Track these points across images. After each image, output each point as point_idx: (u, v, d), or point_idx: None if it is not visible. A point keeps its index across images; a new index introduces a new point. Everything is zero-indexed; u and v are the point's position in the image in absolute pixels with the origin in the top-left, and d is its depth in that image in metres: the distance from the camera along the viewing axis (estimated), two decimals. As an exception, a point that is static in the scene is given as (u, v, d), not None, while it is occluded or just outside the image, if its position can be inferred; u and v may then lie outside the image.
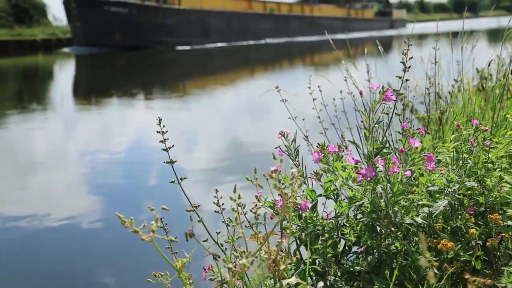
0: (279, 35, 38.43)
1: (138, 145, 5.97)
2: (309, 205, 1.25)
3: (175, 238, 1.07)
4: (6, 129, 7.34)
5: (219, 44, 31.89)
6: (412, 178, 1.26)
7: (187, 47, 29.52)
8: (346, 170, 1.27)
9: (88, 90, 12.51)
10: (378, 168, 1.24)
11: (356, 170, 1.26)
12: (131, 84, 13.37)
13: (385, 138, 1.27)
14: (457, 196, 1.29)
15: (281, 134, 1.25)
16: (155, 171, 4.73)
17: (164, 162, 1.15)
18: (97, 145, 6.02)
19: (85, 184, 4.43)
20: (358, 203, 1.25)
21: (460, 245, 1.23)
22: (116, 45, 27.08)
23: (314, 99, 1.53)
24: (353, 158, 1.30)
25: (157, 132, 1.12)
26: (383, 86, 1.24)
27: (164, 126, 1.14)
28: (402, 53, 1.14)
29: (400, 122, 1.34)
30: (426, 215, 1.26)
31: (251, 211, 1.17)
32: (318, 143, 1.25)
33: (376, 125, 1.24)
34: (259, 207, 1.18)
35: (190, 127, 6.81)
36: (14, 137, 6.80)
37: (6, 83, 14.85)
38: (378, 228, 1.25)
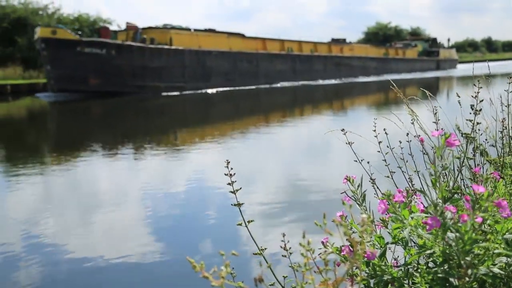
0: (298, 77, 41.16)
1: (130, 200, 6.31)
2: (377, 254, 1.57)
3: (242, 282, 1.39)
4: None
5: (222, 88, 33.36)
6: (487, 225, 1.57)
7: (181, 92, 30.98)
8: (415, 218, 1.60)
9: (62, 144, 13.06)
10: (447, 216, 1.56)
11: (423, 220, 1.59)
12: (113, 136, 14.01)
13: (456, 184, 1.61)
14: (537, 246, 1.59)
15: (346, 179, 1.59)
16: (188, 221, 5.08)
17: (232, 205, 1.49)
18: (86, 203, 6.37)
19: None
20: (428, 252, 1.57)
21: (543, 299, 1.52)
22: (91, 90, 28.47)
23: (379, 142, 1.88)
24: (422, 203, 1.63)
25: (225, 174, 1.47)
26: (445, 132, 1.58)
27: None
28: (472, 96, 1.49)
29: (469, 166, 1.67)
30: (504, 265, 1.56)
31: (320, 257, 1.49)
32: (384, 193, 1.58)
33: (444, 171, 1.58)
34: (329, 253, 1.50)
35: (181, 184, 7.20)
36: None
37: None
38: (451, 278, 1.55)
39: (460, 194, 1.65)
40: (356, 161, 1.85)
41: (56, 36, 28.05)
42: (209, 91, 32.44)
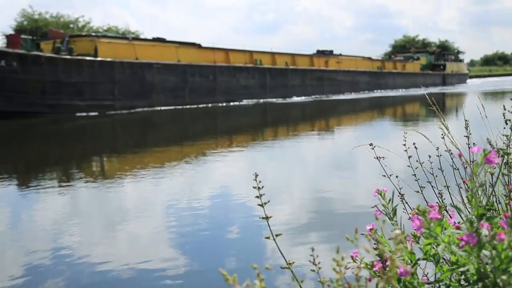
0: (268, 94, 44.20)
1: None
2: (410, 271, 2.03)
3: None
4: None
5: (167, 107, 34.34)
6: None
7: (105, 112, 31.70)
8: (448, 234, 2.07)
9: None
10: (482, 233, 2.02)
11: (458, 236, 2.05)
12: (13, 167, 14.26)
13: (490, 200, 2.08)
14: None
15: (377, 192, 2.06)
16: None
17: (260, 218, 1.94)
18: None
19: None
20: (462, 269, 2.04)
21: None
22: None
23: (409, 157, 2.36)
24: (455, 222, 2.11)
25: (253, 187, 1.93)
26: (484, 149, 2.05)
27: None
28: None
29: (504, 184, 2.14)
30: (539, 284, 2.03)
31: (353, 273, 1.95)
32: (417, 209, 2.04)
33: (480, 188, 2.04)
34: (361, 268, 1.96)
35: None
36: None
37: None
38: (486, 297, 2.02)
39: (493, 211, 2.13)
40: (384, 175, 2.33)
41: None
42: (149, 110, 33.20)
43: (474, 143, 2.34)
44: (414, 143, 2.49)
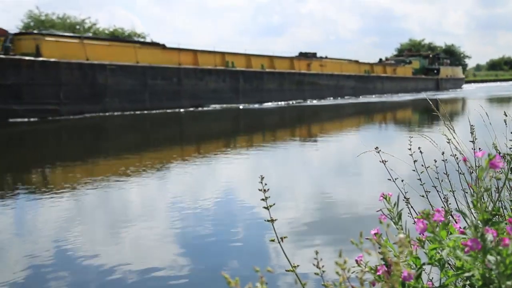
0: (241, 98, 45.52)
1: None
2: (414, 275, 2.30)
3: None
4: None
5: (124, 112, 34.74)
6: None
7: (43, 118, 31.93)
8: (453, 239, 2.34)
9: None
10: (487, 239, 2.28)
11: (462, 241, 2.31)
12: None
13: (497, 205, 2.35)
14: None
15: (383, 196, 2.32)
16: None
17: (265, 221, 2.21)
18: None
19: None
20: (467, 274, 2.31)
21: None
22: None
23: (415, 161, 2.63)
24: (460, 227, 2.38)
25: (259, 190, 2.20)
26: (489, 154, 2.30)
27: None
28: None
29: (510, 189, 2.42)
30: (544, 290, 2.30)
31: (356, 277, 2.21)
32: (422, 212, 2.31)
33: (485, 193, 2.30)
34: (365, 272, 2.22)
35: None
36: None
37: None
38: (491, 303, 2.28)
39: (499, 216, 2.40)
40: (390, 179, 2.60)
41: None
42: (101, 115, 33.46)
43: (480, 148, 2.61)
44: (419, 147, 2.76)
